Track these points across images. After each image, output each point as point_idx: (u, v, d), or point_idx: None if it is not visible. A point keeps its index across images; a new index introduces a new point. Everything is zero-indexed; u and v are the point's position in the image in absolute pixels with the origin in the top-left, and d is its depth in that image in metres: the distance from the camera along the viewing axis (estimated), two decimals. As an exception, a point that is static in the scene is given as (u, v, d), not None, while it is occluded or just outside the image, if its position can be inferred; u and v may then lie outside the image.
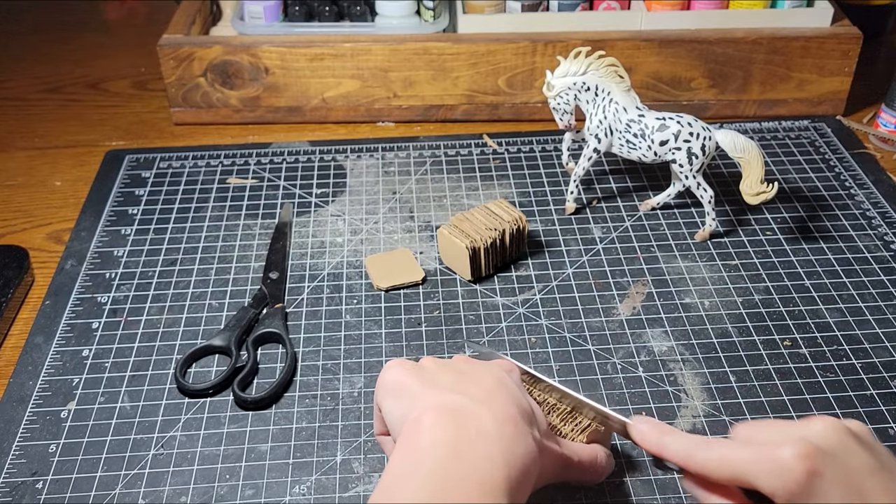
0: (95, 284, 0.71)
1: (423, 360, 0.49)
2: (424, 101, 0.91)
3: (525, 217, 0.71)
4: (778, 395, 0.60)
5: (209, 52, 0.88)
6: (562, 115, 0.74)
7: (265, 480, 0.55)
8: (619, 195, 0.80)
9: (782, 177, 0.82)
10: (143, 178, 0.84)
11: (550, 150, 0.87)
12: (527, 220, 0.71)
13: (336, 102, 0.91)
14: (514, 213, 0.70)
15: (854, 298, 0.68)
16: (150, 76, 1.03)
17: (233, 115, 0.92)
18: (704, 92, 0.91)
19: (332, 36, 0.89)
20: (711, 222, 0.73)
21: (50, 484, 0.55)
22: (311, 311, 0.68)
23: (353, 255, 0.73)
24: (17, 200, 0.83)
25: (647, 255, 0.73)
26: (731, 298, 0.68)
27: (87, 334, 0.66)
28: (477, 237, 0.68)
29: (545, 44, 0.87)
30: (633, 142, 0.71)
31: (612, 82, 0.71)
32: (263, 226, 0.77)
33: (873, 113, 0.93)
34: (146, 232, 0.76)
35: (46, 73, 1.05)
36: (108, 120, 0.96)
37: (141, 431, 0.58)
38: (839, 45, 0.88)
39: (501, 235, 0.69)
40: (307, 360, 0.63)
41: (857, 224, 0.76)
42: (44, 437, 0.58)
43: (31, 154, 0.90)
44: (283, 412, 0.59)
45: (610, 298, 0.68)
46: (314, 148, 0.88)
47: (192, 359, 0.63)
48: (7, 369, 0.64)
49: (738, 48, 0.88)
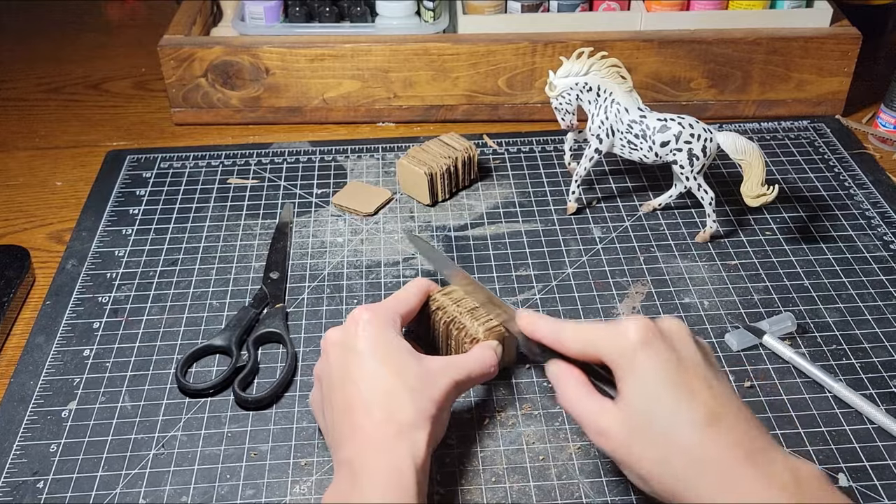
0: (96, 284, 0.71)
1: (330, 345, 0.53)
2: (424, 101, 0.91)
3: (475, 146, 0.80)
4: (777, 395, 0.60)
5: (210, 52, 0.88)
6: (564, 116, 0.74)
7: (265, 480, 0.55)
8: (619, 195, 0.80)
9: (782, 177, 0.82)
10: (143, 178, 0.84)
11: (550, 151, 0.87)
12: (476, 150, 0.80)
13: (336, 103, 0.92)
14: (465, 143, 0.80)
15: (853, 298, 0.68)
16: (150, 76, 1.04)
17: (233, 115, 0.92)
18: (704, 92, 0.91)
19: (332, 36, 0.89)
20: (712, 224, 0.73)
21: (51, 483, 0.55)
22: (311, 310, 0.68)
23: (353, 255, 0.74)
24: (18, 200, 0.83)
25: (646, 256, 0.73)
26: (731, 298, 0.68)
27: (87, 334, 0.66)
28: (434, 164, 0.77)
29: (545, 44, 0.87)
30: (635, 143, 0.71)
31: (614, 83, 0.71)
32: (264, 226, 0.77)
33: (873, 113, 0.93)
34: (147, 232, 0.76)
35: (47, 73, 1.05)
36: (109, 120, 0.96)
37: (142, 431, 0.58)
38: (838, 45, 0.88)
39: (455, 162, 0.78)
40: (308, 360, 0.63)
41: (856, 224, 0.76)
42: (45, 437, 0.58)
43: (33, 154, 0.90)
44: (283, 412, 0.60)
45: (610, 298, 0.69)
46: (315, 148, 0.88)
47: (193, 358, 0.63)
48: (8, 369, 0.64)
49: (737, 48, 0.88)
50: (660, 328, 0.48)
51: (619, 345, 0.47)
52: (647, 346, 0.46)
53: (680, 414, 0.44)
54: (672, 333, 0.48)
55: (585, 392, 0.49)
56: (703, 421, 0.44)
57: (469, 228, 0.76)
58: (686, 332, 0.49)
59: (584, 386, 0.50)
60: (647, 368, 0.46)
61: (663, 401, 0.45)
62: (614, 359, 0.47)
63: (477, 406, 0.60)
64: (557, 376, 0.51)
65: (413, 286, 0.59)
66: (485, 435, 0.57)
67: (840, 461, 0.55)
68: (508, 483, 0.54)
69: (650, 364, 0.46)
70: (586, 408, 0.48)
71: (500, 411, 0.59)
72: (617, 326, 0.48)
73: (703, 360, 0.47)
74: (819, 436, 0.57)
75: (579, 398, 0.49)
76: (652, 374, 0.46)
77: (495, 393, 0.60)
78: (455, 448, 0.56)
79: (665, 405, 0.45)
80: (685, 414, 0.44)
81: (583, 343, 0.49)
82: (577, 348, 0.50)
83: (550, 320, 0.52)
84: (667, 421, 0.45)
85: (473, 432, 0.58)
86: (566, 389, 0.50)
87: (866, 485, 0.54)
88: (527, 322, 0.53)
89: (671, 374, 0.46)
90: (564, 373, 0.51)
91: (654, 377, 0.46)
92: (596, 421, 0.47)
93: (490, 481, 0.54)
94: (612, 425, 0.46)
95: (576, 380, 0.50)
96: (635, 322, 0.47)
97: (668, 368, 0.46)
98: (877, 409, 0.58)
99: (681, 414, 0.44)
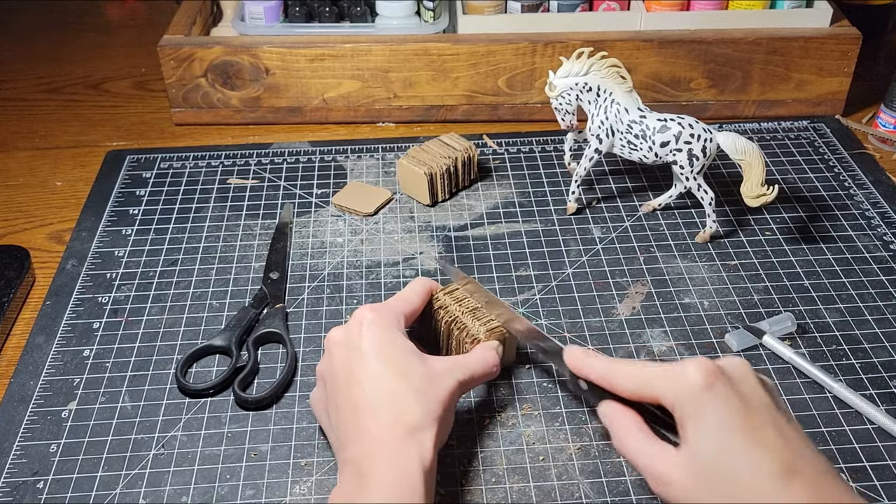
0: (96, 284, 0.71)
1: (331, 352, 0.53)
2: (424, 101, 0.91)
3: (475, 147, 0.80)
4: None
5: (210, 52, 0.88)
6: (564, 116, 0.74)
7: (265, 480, 0.55)
8: (619, 195, 0.80)
9: (781, 177, 0.82)
10: (143, 178, 0.84)
11: (550, 151, 0.87)
12: (476, 150, 0.80)
13: (336, 103, 0.92)
14: (465, 143, 0.80)
15: (853, 298, 0.68)
16: (150, 77, 1.04)
17: (233, 115, 0.92)
18: (704, 92, 0.91)
19: (332, 37, 0.89)
20: (712, 224, 0.73)
21: (51, 484, 0.55)
22: (311, 311, 0.68)
23: (353, 255, 0.74)
24: (18, 200, 0.83)
25: (646, 256, 0.73)
26: (731, 298, 0.68)
27: (87, 334, 0.66)
28: (433, 164, 0.77)
29: (545, 44, 0.87)
30: (635, 143, 0.71)
31: (614, 83, 0.71)
32: (264, 226, 0.77)
33: (872, 113, 0.93)
34: (147, 232, 0.76)
35: (47, 73, 1.05)
36: (108, 120, 0.96)
37: (142, 431, 0.58)
38: (838, 45, 0.88)
39: (455, 163, 0.78)
40: (308, 360, 0.63)
41: (856, 224, 0.76)
42: (45, 437, 0.58)
43: (32, 154, 0.90)
44: (283, 412, 0.60)
45: (609, 298, 0.69)
46: (314, 148, 0.88)
47: (193, 359, 0.63)
48: (8, 369, 0.64)
49: (737, 48, 0.88)
50: (722, 368, 0.45)
51: (679, 387, 0.44)
52: (710, 389, 0.43)
53: (753, 464, 0.41)
54: (736, 374, 0.45)
55: (644, 437, 0.46)
56: (778, 472, 0.41)
57: (469, 228, 0.76)
58: (751, 373, 0.46)
59: (642, 430, 0.47)
60: (713, 413, 0.43)
61: (733, 449, 0.42)
62: (674, 402, 0.44)
63: (477, 406, 0.60)
64: (612, 419, 0.48)
65: (416, 285, 0.59)
66: (485, 435, 0.57)
67: (840, 461, 0.55)
68: (508, 483, 0.54)
69: (716, 408, 0.43)
70: (647, 453, 0.45)
71: (500, 411, 0.59)
72: (676, 368, 0.45)
73: (772, 403, 0.45)
74: (819, 436, 0.57)
75: (638, 443, 0.46)
76: (718, 419, 0.43)
77: (495, 393, 0.60)
78: (455, 448, 0.56)
79: (736, 454, 0.42)
80: (759, 465, 0.41)
81: (638, 384, 0.46)
82: (631, 389, 0.47)
83: (602, 358, 0.49)
84: (739, 471, 0.41)
85: (473, 433, 0.58)
86: (623, 433, 0.47)
87: (866, 485, 0.54)
88: (576, 360, 0.51)
89: (740, 420, 0.43)
90: (620, 415, 0.48)
91: (722, 423, 0.43)
92: (658, 467, 0.44)
93: (490, 482, 0.54)
94: (677, 473, 0.43)
95: (633, 423, 0.47)
96: (696, 363, 0.44)
97: (736, 414, 0.43)
98: (877, 410, 0.58)
99: (754, 465, 0.41)
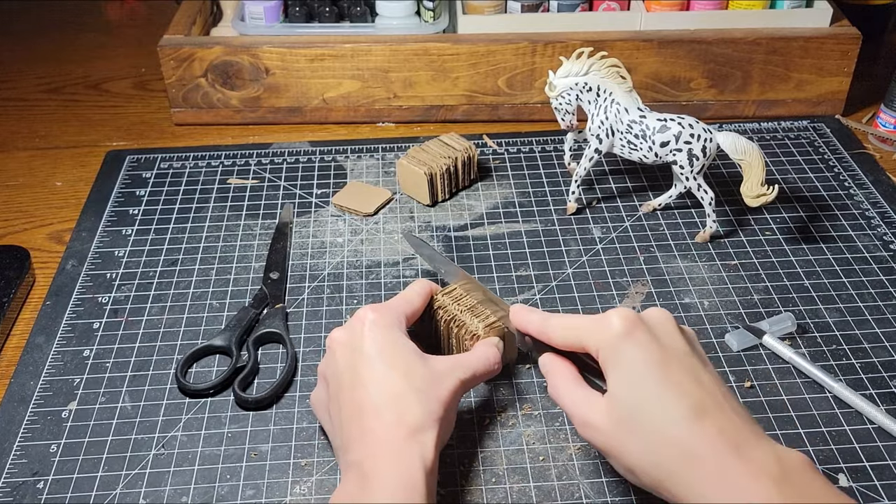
0: (96, 284, 0.71)
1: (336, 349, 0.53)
2: (424, 101, 0.91)
3: (475, 147, 0.80)
4: (777, 395, 0.60)
5: (210, 52, 0.88)
6: (564, 116, 0.74)
7: (266, 481, 0.55)
8: (619, 195, 0.80)
9: (781, 177, 0.82)
10: (143, 178, 0.84)
11: (550, 151, 0.87)
12: (476, 150, 0.80)
13: (336, 103, 0.92)
14: (465, 143, 0.80)
15: (853, 298, 0.68)
16: (150, 77, 1.04)
17: (233, 115, 0.92)
18: (704, 92, 0.91)
19: (332, 37, 0.89)
20: (712, 224, 0.73)
21: (51, 484, 0.55)
22: (311, 311, 0.68)
23: (353, 255, 0.74)
24: (18, 201, 0.83)
25: (646, 256, 0.73)
26: (731, 298, 0.68)
27: (87, 334, 0.66)
28: (433, 164, 0.77)
29: (545, 44, 0.87)
30: (635, 143, 0.71)
31: (613, 83, 0.71)
32: (264, 226, 0.77)
33: (872, 113, 0.93)
34: (147, 232, 0.76)
35: (47, 73, 1.05)
36: (108, 120, 0.96)
37: (142, 431, 0.58)
38: (838, 45, 0.88)
39: (455, 163, 0.78)
40: (308, 360, 0.63)
41: (856, 224, 0.76)
42: (45, 437, 0.58)
43: (32, 154, 0.90)
44: (283, 412, 0.60)
45: (609, 298, 0.69)
46: (314, 148, 0.88)
47: (193, 359, 0.63)
48: (8, 369, 0.64)
49: (737, 48, 0.88)
50: (644, 319, 0.48)
51: (603, 336, 0.47)
52: (630, 336, 0.46)
53: (666, 407, 0.44)
54: (656, 323, 0.48)
55: (574, 384, 0.50)
56: (689, 414, 0.44)
57: (469, 228, 0.76)
58: (670, 322, 0.49)
59: (573, 378, 0.50)
60: (632, 360, 0.46)
61: (649, 393, 0.45)
62: (599, 350, 0.47)
63: (477, 406, 0.60)
64: (548, 369, 0.52)
65: (417, 286, 0.59)
66: (485, 435, 0.57)
67: (840, 461, 0.55)
68: (508, 483, 0.54)
69: (634, 355, 0.46)
70: (573, 399, 0.49)
71: (500, 411, 0.59)
72: (601, 318, 0.48)
73: (689, 350, 0.47)
74: (819, 436, 0.57)
75: (567, 390, 0.49)
76: (636, 365, 0.46)
77: (495, 393, 0.60)
78: (455, 448, 0.56)
79: (650, 397, 0.45)
80: (671, 407, 0.44)
81: (568, 334, 0.50)
82: (562, 339, 0.50)
83: (539, 313, 0.53)
84: (653, 413, 0.45)
85: (473, 433, 0.58)
86: (555, 381, 0.51)
87: (866, 485, 0.54)
88: (517, 317, 0.54)
89: (656, 365, 0.45)
90: (554, 365, 0.51)
91: (639, 369, 0.46)
92: (582, 412, 0.48)
93: (490, 482, 0.54)
94: (598, 417, 0.47)
95: (565, 372, 0.51)
96: (619, 313, 0.47)
97: (652, 360, 0.46)
98: (877, 409, 0.58)
99: (667, 407, 0.44)
